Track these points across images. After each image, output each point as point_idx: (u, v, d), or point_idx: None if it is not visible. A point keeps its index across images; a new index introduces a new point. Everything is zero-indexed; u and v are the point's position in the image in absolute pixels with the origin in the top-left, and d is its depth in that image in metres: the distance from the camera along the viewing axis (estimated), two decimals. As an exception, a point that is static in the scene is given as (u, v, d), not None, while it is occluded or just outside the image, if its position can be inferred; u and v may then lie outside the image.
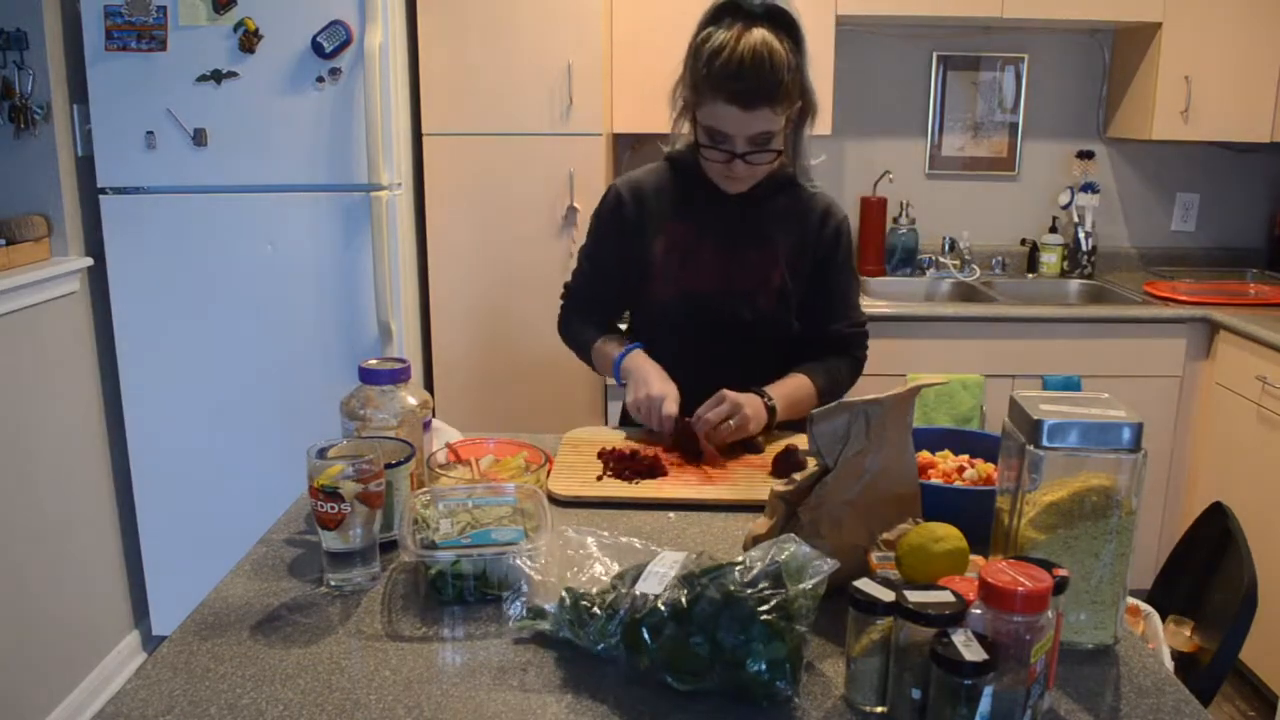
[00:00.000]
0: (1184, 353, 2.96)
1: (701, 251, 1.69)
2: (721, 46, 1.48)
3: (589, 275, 1.81)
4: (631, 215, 1.72)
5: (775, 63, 1.47)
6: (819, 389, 1.67)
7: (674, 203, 1.71)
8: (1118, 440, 0.98)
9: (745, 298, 1.67)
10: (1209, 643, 1.42)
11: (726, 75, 1.47)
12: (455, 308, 2.96)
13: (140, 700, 0.93)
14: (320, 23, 2.53)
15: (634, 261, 1.72)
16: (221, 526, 2.73)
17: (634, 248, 1.72)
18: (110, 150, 2.59)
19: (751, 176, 1.61)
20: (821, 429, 1.10)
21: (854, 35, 3.35)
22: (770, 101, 1.49)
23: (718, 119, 1.52)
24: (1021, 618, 0.84)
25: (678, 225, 1.70)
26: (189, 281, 2.66)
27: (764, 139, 1.54)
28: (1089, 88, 3.47)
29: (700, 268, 1.68)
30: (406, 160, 2.83)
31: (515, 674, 0.98)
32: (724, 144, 1.55)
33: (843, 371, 1.74)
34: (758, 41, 1.46)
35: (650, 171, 1.76)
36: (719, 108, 1.50)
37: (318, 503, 1.11)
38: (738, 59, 1.46)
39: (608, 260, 1.77)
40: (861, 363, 1.78)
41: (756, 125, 1.51)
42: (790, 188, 1.71)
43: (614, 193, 1.74)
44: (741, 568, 0.97)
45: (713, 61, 1.48)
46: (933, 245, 3.51)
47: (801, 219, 1.70)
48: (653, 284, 1.71)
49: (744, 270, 1.68)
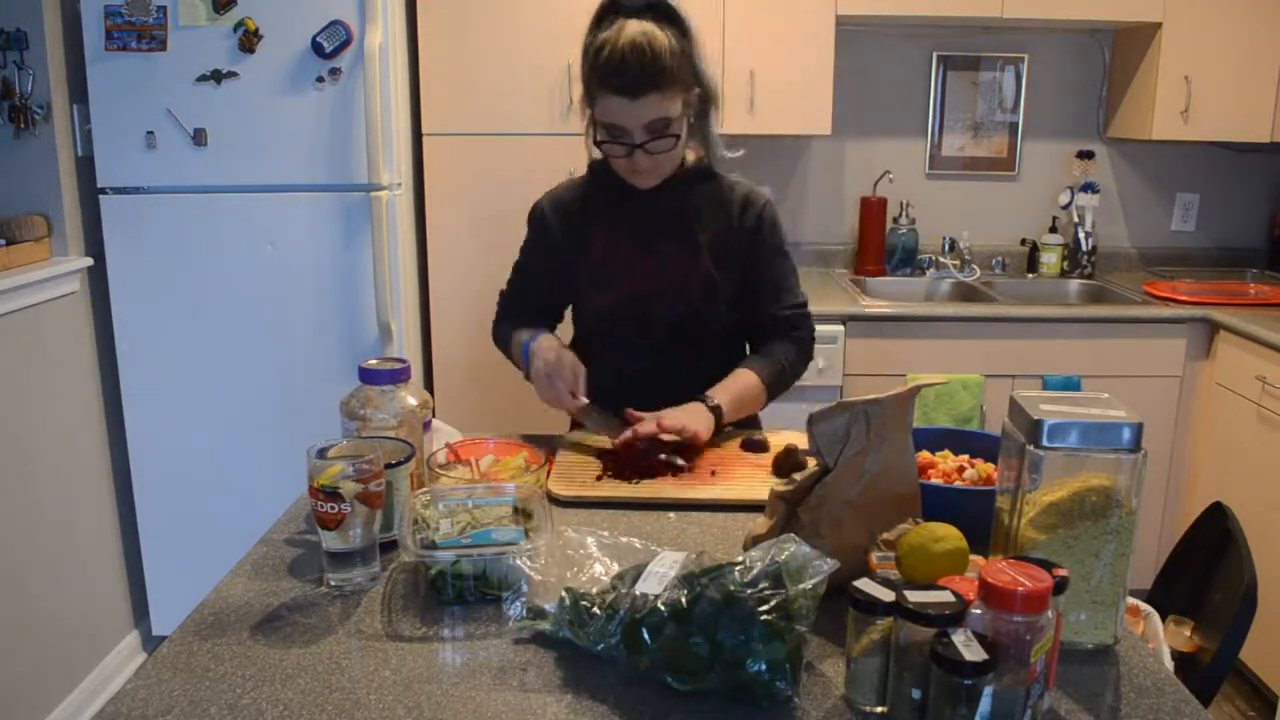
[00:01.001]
0: (1184, 353, 2.96)
1: (626, 253, 1.71)
2: (604, 43, 1.53)
3: (518, 287, 1.85)
4: (556, 229, 1.75)
5: (656, 49, 1.51)
6: (764, 381, 1.68)
7: (596, 210, 1.74)
8: (1118, 440, 0.98)
9: (673, 293, 1.69)
10: (1209, 643, 1.42)
11: (610, 69, 1.52)
12: (455, 308, 2.96)
13: (140, 700, 0.93)
14: (320, 23, 2.53)
15: (563, 273, 1.76)
16: (221, 526, 2.73)
17: (561, 260, 1.75)
18: (110, 150, 2.59)
19: (656, 168, 1.63)
20: (821, 429, 1.10)
21: (854, 35, 3.35)
22: (655, 87, 1.52)
23: (610, 113, 1.56)
24: (1021, 618, 0.84)
25: (600, 231, 1.73)
26: (189, 281, 2.66)
27: (659, 125, 1.56)
28: (1089, 88, 3.47)
29: (626, 269, 1.71)
30: (406, 160, 2.83)
31: (515, 674, 0.98)
32: (622, 137, 1.58)
33: (789, 356, 1.73)
34: (636, 33, 1.52)
35: (572, 184, 1.80)
36: (609, 101, 1.55)
37: (318, 503, 1.11)
38: (619, 52, 1.51)
39: (537, 275, 1.81)
40: (808, 342, 1.77)
41: (647, 113, 1.55)
42: (708, 181, 1.73)
43: (538, 210, 1.79)
44: (741, 568, 0.97)
45: (597, 59, 1.54)
46: (933, 245, 3.51)
47: (723, 210, 1.72)
48: (583, 291, 1.75)
49: (668, 266, 1.70)
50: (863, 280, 3.36)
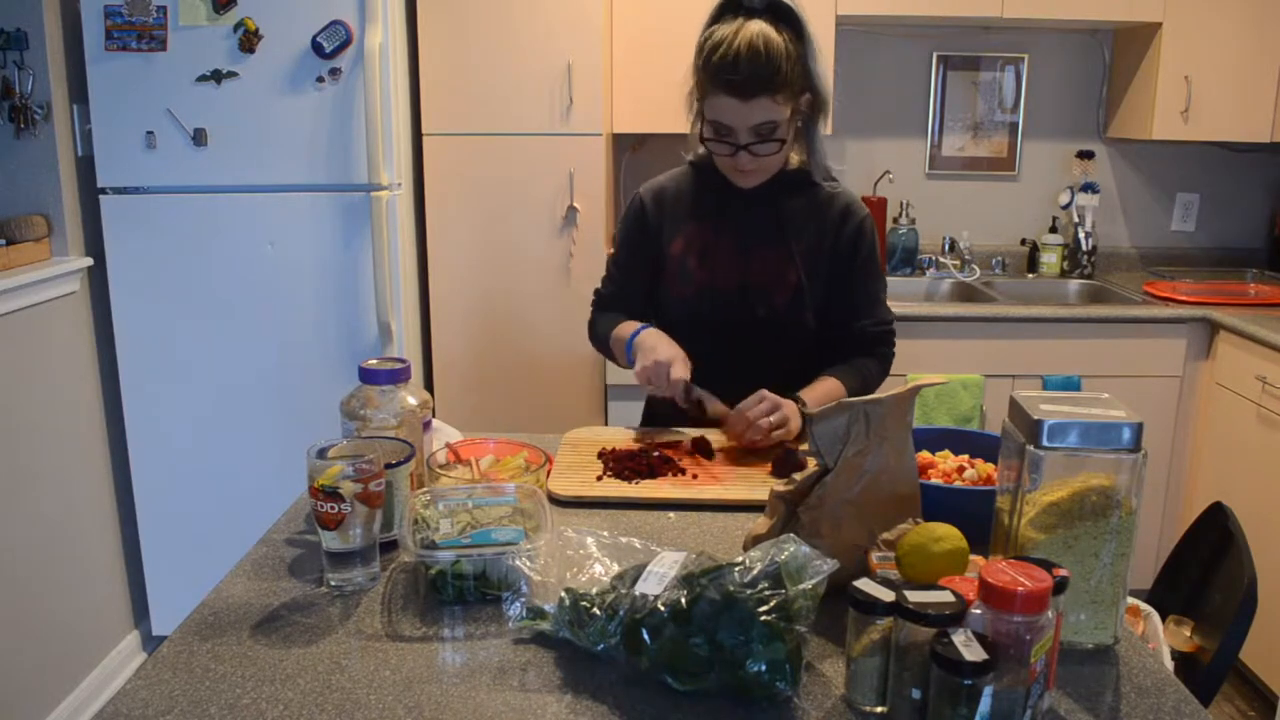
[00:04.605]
0: (1184, 353, 2.96)
1: (718, 249, 1.71)
2: (720, 41, 1.52)
3: (616, 280, 1.84)
4: (653, 218, 1.76)
5: (772, 52, 1.50)
6: (850, 391, 1.67)
7: (693, 204, 1.74)
8: (1118, 440, 0.98)
9: (761, 294, 1.69)
10: (1209, 643, 1.42)
11: (724, 67, 1.51)
12: (455, 308, 2.96)
13: (140, 700, 0.93)
14: (320, 23, 2.53)
15: (655, 262, 1.76)
16: (221, 526, 2.73)
17: (656, 249, 1.76)
18: (110, 150, 2.59)
19: (760, 168, 1.64)
20: (821, 429, 1.10)
21: (854, 35, 3.35)
22: (768, 90, 1.52)
23: (719, 111, 1.56)
24: (1021, 618, 0.84)
25: (696, 225, 1.73)
26: (189, 281, 2.66)
27: (767, 129, 1.56)
28: (1089, 88, 3.47)
29: (716, 265, 1.71)
30: (406, 160, 2.83)
31: (515, 674, 0.98)
32: (728, 136, 1.58)
33: (872, 371, 1.74)
34: (754, 33, 1.51)
35: (673, 176, 1.80)
36: (720, 100, 1.54)
37: (318, 503, 1.11)
38: (734, 51, 1.50)
39: (633, 265, 1.80)
40: (889, 361, 1.78)
41: (756, 115, 1.54)
42: (808, 187, 1.72)
43: (637, 199, 1.79)
44: (741, 568, 0.97)
45: (712, 56, 1.53)
46: (933, 245, 3.52)
47: (819, 218, 1.71)
48: (671, 282, 1.74)
49: (759, 267, 1.70)
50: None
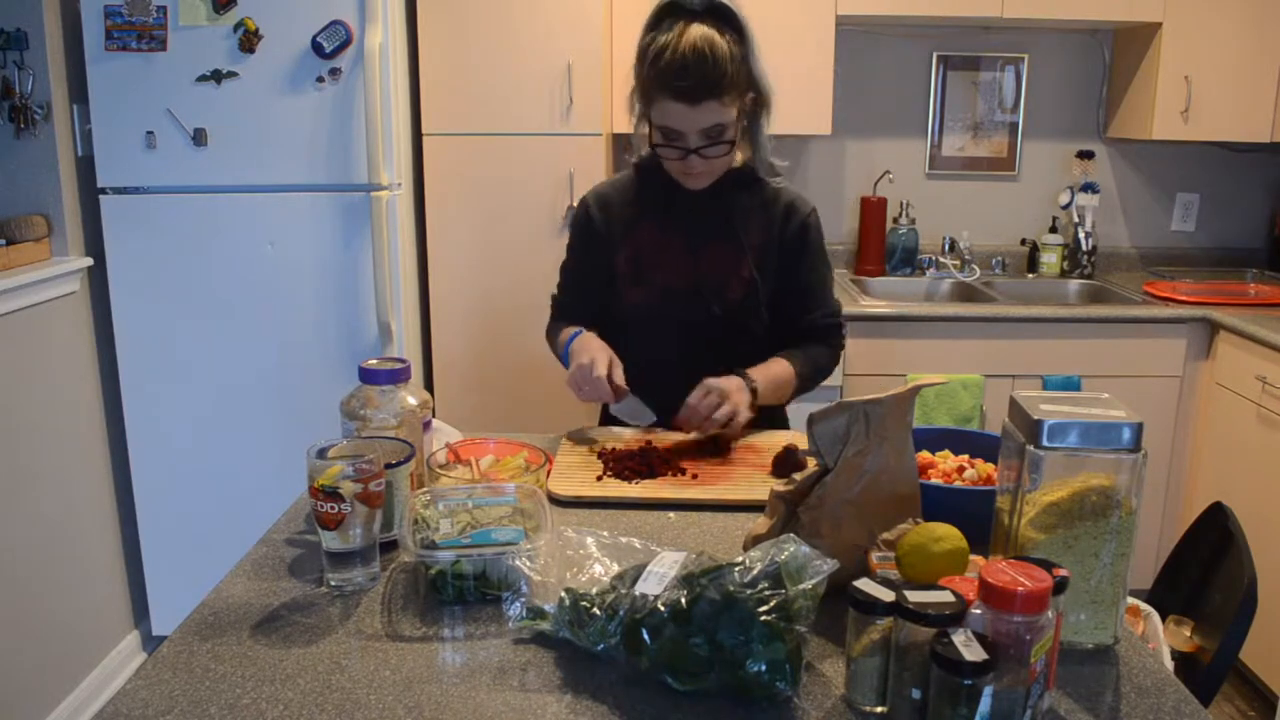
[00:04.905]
0: (1184, 353, 2.96)
1: (668, 249, 1.72)
2: (664, 47, 1.52)
3: (568, 287, 1.86)
4: (600, 224, 1.76)
5: (717, 56, 1.51)
6: (798, 372, 1.70)
7: (640, 207, 1.75)
8: (1118, 440, 0.98)
9: (714, 291, 1.70)
10: (1209, 643, 1.42)
11: (671, 74, 1.51)
12: (455, 308, 2.96)
13: (140, 700, 0.93)
14: (320, 23, 2.53)
15: (606, 268, 1.76)
16: (221, 526, 2.73)
17: (605, 255, 1.76)
18: (110, 150, 2.59)
19: (709, 171, 1.64)
20: (821, 429, 1.10)
21: (854, 35, 3.35)
22: (715, 94, 1.52)
23: (668, 117, 1.56)
24: (1021, 618, 0.84)
25: (644, 227, 1.74)
26: (189, 281, 2.66)
27: (716, 131, 1.57)
28: (1089, 88, 3.47)
29: (668, 265, 1.72)
30: (406, 160, 2.83)
31: (515, 674, 0.98)
32: (677, 141, 1.59)
33: (822, 357, 1.76)
34: (698, 38, 1.51)
35: (617, 180, 1.80)
36: (668, 106, 1.55)
37: (318, 503, 1.11)
38: (680, 57, 1.50)
39: (583, 271, 1.81)
40: (839, 349, 1.80)
41: (705, 119, 1.55)
42: (753, 184, 1.73)
43: (583, 205, 1.80)
44: (741, 568, 0.97)
45: (657, 62, 1.53)
46: (933, 245, 3.51)
47: (766, 214, 1.72)
48: (624, 286, 1.74)
49: (711, 264, 1.71)
50: (863, 280, 3.36)
